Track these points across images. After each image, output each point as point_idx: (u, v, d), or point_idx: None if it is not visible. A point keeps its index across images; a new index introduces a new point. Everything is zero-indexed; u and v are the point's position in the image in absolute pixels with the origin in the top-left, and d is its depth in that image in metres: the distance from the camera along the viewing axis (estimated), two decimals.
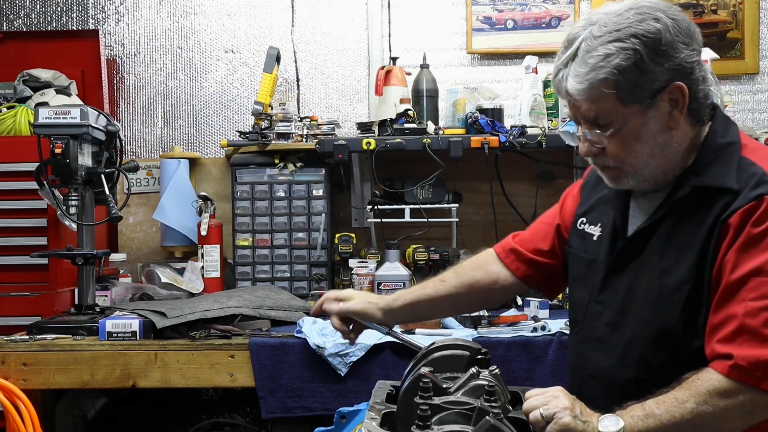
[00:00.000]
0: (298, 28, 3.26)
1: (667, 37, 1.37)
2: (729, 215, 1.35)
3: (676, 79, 1.38)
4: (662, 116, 1.40)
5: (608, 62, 1.36)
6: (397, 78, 2.92)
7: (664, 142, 1.42)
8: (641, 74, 1.37)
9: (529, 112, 2.80)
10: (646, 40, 1.36)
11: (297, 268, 2.92)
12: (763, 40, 3.17)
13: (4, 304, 2.61)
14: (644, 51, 1.36)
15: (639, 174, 1.45)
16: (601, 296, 1.56)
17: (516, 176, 3.03)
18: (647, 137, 1.41)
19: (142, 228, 3.24)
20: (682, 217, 1.43)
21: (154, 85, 3.31)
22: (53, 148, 2.35)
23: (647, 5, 1.39)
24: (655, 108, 1.39)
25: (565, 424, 1.34)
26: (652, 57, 1.36)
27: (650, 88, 1.38)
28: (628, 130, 1.41)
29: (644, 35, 1.36)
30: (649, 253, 1.47)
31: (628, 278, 1.50)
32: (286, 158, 2.94)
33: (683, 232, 1.42)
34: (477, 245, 3.03)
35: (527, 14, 3.18)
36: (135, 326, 2.29)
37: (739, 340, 1.31)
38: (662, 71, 1.37)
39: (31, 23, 3.31)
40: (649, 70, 1.37)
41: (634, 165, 1.44)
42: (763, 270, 1.31)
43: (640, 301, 1.47)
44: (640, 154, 1.42)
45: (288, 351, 2.24)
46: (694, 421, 1.31)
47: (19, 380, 2.24)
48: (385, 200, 2.84)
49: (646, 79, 1.37)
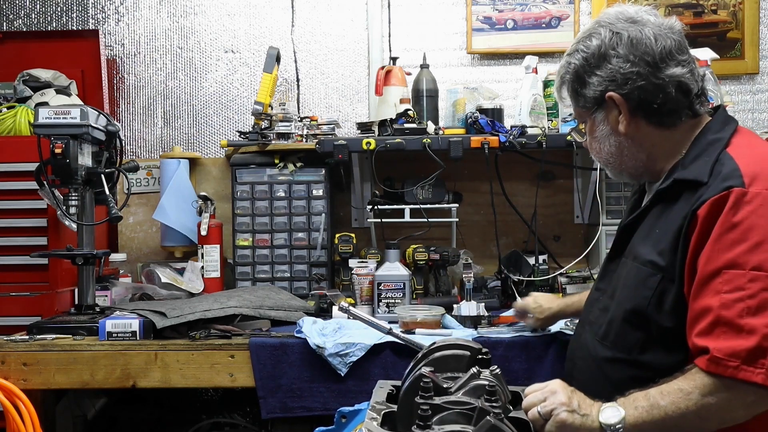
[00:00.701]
0: (298, 28, 3.27)
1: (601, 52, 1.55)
2: (698, 207, 1.42)
3: (611, 89, 1.55)
4: (611, 121, 1.58)
5: (565, 72, 1.62)
6: (397, 78, 2.92)
7: (619, 143, 1.59)
8: (581, 84, 1.59)
9: (529, 112, 2.80)
10: (584, 54, 1.57)
11: (297, 268, 2.92)
12: (763, 40, 3.17)
13: (4, 304, 2.61)
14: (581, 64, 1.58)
15: (609, 167, 1.66)
16: (600, 283, 1.69)
17: (516, 176, 3.04)
18: (602, 138, 1.61)
19: (142, 228, 3.24)
20: (664, 207, 1.53)
21: (154, 85, 3.31)
22: (53, 148, 2.34)
23: (605, 20, 1.57)
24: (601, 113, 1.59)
25: (562, 421, 1.35)
26: (587, 69, 1.57)
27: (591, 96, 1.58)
28: (588, 130, 1.65)
29: (584, 50, 1.57)
30: (635, 240, 1.58)
31: (619, 265, 1.62)
32: (286, 158, 2.94)
33: (662, 221, 1.51)
34: (477, 245, 3.07)
35: (527, 14, 3.18)
36: (135, 326, 2.29)
37: (716, 332, 1.34)
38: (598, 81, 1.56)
39: (31, 23, 3.31)
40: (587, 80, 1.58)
41: (601, 159, 1.65)
42: (736, 263, 1.35)
43: (622, 284, 1.57)
44: (601, 152, 1.63)
45: (288, 351, 2.23)
46: (700, 413, 1.33)
47: (19, 380, 2.24)
48: (385, 200, 2.84)
49: (585, 88, 1.59)
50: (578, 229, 3.11)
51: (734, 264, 1.35)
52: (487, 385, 1.31)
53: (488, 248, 3.03)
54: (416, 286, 2.71)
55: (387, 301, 2.62)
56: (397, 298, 2.61)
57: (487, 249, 3.04)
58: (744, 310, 1.32)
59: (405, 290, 2.62)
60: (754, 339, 1.30)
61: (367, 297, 2.67)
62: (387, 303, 2.61)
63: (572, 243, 3.07)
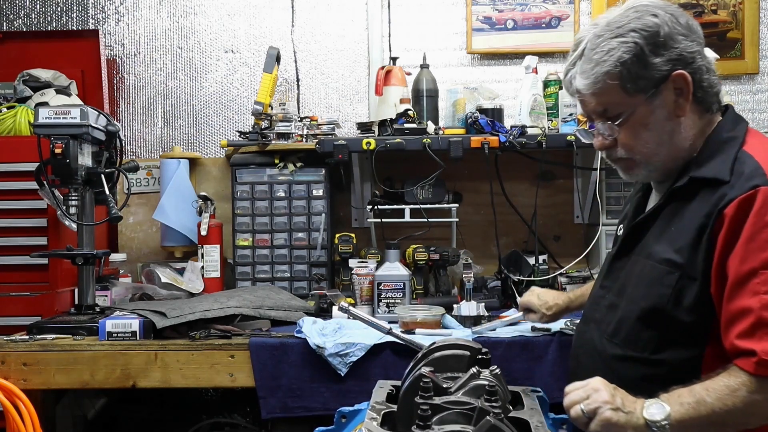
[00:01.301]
0: (298, 28, 3.26)
1: (665, 30, 1.46)
2: (724, 206, 1.39)
3: (678, 68, 1.47)
4: (668, 104, 1.49)
5: (610, 56, 1.47)
6: (397, 78, 2.92)
7: (672, 130, 1.50)
8: (643, 65, 1.46)
9: (529, 112, 2.79)
10: (645, 33, 1.46)
11: (297, 268, 2.92)
12: (763, 40, 3.17)
13: (4, 304, 2.61)
14: (644, 43, 1.45)
15: (649, 163, 1.54)
16: (605, 281, 1.65)
17: (516, 176, 3.04)
18: (655, 125, 1.50)
19: (142, 228, 3.24)
20: (679, 206, 1.50)
21: (154, 85, 3.31)
22: (53, 148, 2.34)
23: (645, 3, 1.49)
24: (660, 97, 1.48)
25: (607, 419, 1.35)
26: (651, 49, 1.46)
27: (653, 77, 1.47)
28: (636, 120, 1.50)
29: (643, 29, 1.46)
30: (648, 238, 1.55)
31: (628, 263, 1.58)
32: (286, 158, 2.94)
33: (679, 219, 1.48)
34: (477, 245, 3.07)
35: (527, 14, 3.18)
36: (135, 326, 2.29)
37: (759, 335, 1.33)
38: (663, 61, 1.46)
39: (31, 23, 3.31)
40: (649, 61, 1.46)
41: (644, 153, 1.52)
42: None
43: (634, 282, 1.54)
44: (649, 142, 1.51)
45: (288, 351, 2.23)
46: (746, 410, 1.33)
47: (19, 380, 2.24)
48: (385, 200, 2.84)
49: (647, 69, 1.47)
50: (578, 229, 3.10)
51: None
52: (487, 385, 1.31)
53: (488, 248, 3.03)
54: (416, 286, 2.71)
55: (387, 301, 2.62)
56: (397, 298, 2.61)
57: (487, 249, 3.04)
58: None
59: (405, 290, 2.62)
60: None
61: (367, 297, 2.67)
62: (387, 303, 2.61)
63: (572, 243, 3.07)
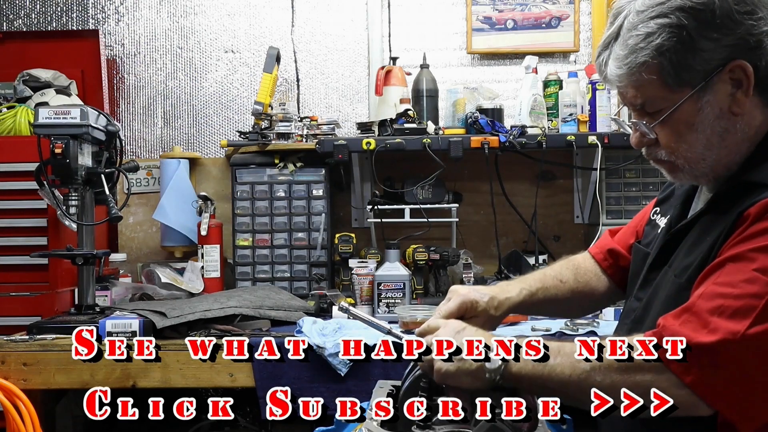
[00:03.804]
0: (298, 28, 3.26)
1: (724, 7, 1.18)
2: (749, 205, 1.18)
3: (737, 56, 1.19)
4: (721, 100, 1.22)
5: (649, 43, 1.20)
6: (397, 78, 2.92)
7: (725, 130, 1.24)
8: (690, 53, 1.19)
9: (529, 112, 2.80)
10: (695, 12, 1.18)
11: (297, 268, 2.92)
12: None
13: (4, 304, 2.60)
14: (692, 26, 1.18)
15: (694, 168, 1.28)
16: (639, 292, 1.43)
17: (516, 176, 3.04)
18: (703, 125, 1.23)
19: (142, 228, 3.24)
20: (719, 213, 1.25)
21: (154, 85, 3.31)
22: (53, 148, 2.34)
23: None
24: (711, 91, 1.22)
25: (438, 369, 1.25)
26: (703, 32, 1.18)
27: (703, 68, 1.20)
28: (679, 118, 1.24)
29: (692, 7, 1.18)
30: (681, 249, 1.33)
31: (659, 275, 1.37)
32: (286, 158, 2.94)
33: (713, 229, 1.25)
34: (477, 245, 3.07)
35: (527, 14, 3.18)
36: (135, 326, 2.29)
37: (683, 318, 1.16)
38: (718, 48, 1.19)
39: (31, 23, 3.31)
40: (699, 47, 1.19)
41: (688, 158, 1.27)
42: (743, 257, 1.15)
43: (661, 299, 1.33)
44: (694, 145, 1.25)
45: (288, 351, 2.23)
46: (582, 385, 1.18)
47: (19, 380, 2.24)
48: (385, 200, 2.84)
49: (696, 58, 1.20)
50: (578, 229, 3.11)
51: (740, 257, 1.15)
52: None
53: (488, 248, 3.03)
54: (416, 286, 2.71)
55: (387, 301, 2.62)
56: (397, 298, 2.62)
57: (487, 249, 3.04)
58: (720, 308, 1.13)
59: (405, 290, 2.62)
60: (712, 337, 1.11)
61: (367, 297, 2.67)
62: (387, 303, 2.62)
63: (572, 243, 3.07)
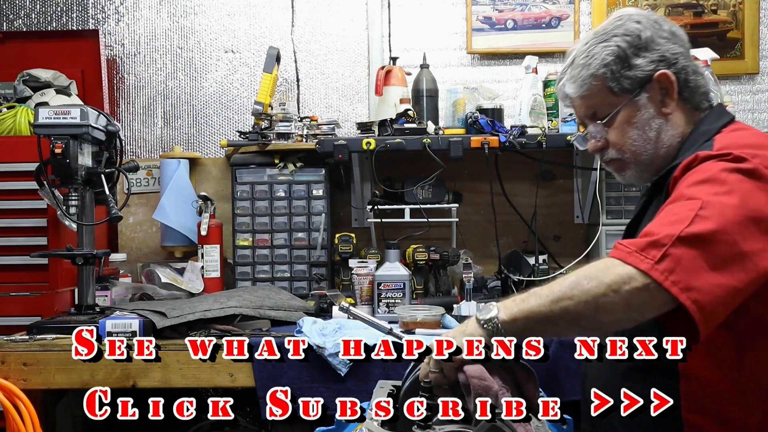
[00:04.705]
0: (298, 28, 3.26)
1: (647, 34, 1.54)
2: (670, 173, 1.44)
3: (662, 68, 1.53)
4: (654, 103, 1.55)
5: (595, 59, 1.55)
6: (397, 78, 2.92)
7: (659, 127, 1.55)
8: (626, 66, 1.54)
9: (529, 112, 2.80)
10: (627, 37, 1.54)
11: (297, 268, 2.92)
12: (763, 40, 3.17)
13: (4, 304, 2.61)
14: (627, 47, 1.53)
15: (639, 162, 1.58)
16: None
17: (516, 176, 3.04)
18: (641, 123, 1.56)
19: (142, 228, 3.24)
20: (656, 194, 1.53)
21: (154, 85, 3.31)
22: (53, 148, 2.34)
23: (630, 12, 1.58)
24: (645, 96, 1.55)
25: None
26: (634, 51, 1.53)
27: (637, 77, 1.54)
28: (623, 118, 1.57)
29: (625, 34, 1.54)
30: None
31: None
32: (286, 158, 2.94)
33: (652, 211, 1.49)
34: (477, 245, 3.07)
35: (527, 14, 3.18)
36: (135, 326, 2.29)
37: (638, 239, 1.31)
38: (646, 62, 1.53)
39: (31, 23, 3.31)
40: (633, 63, 1.53)
41: (633, 151, 1.57)
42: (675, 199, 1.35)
43: None
44: (636, 140, 1.57)
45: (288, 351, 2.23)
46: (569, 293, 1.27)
47: (19, 380, 2.24)
48: (385, 200, 2.84)
49: (631, 69, 1.54)
50: (578, 229, 3.11)
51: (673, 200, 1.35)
52: None
53: (488, 248, 3.03)
54: (416, 286, 2.71)
55: (387, 301, 2.62)
56: (397, 298, 2.62)
57: (487, 249, 3.04)
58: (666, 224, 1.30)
59: (405, 290, 2.62)
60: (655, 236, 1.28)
61: (367, 297, 2.67)
62: (387, 303, 2.62)
63: (572, 243, 3.07)
